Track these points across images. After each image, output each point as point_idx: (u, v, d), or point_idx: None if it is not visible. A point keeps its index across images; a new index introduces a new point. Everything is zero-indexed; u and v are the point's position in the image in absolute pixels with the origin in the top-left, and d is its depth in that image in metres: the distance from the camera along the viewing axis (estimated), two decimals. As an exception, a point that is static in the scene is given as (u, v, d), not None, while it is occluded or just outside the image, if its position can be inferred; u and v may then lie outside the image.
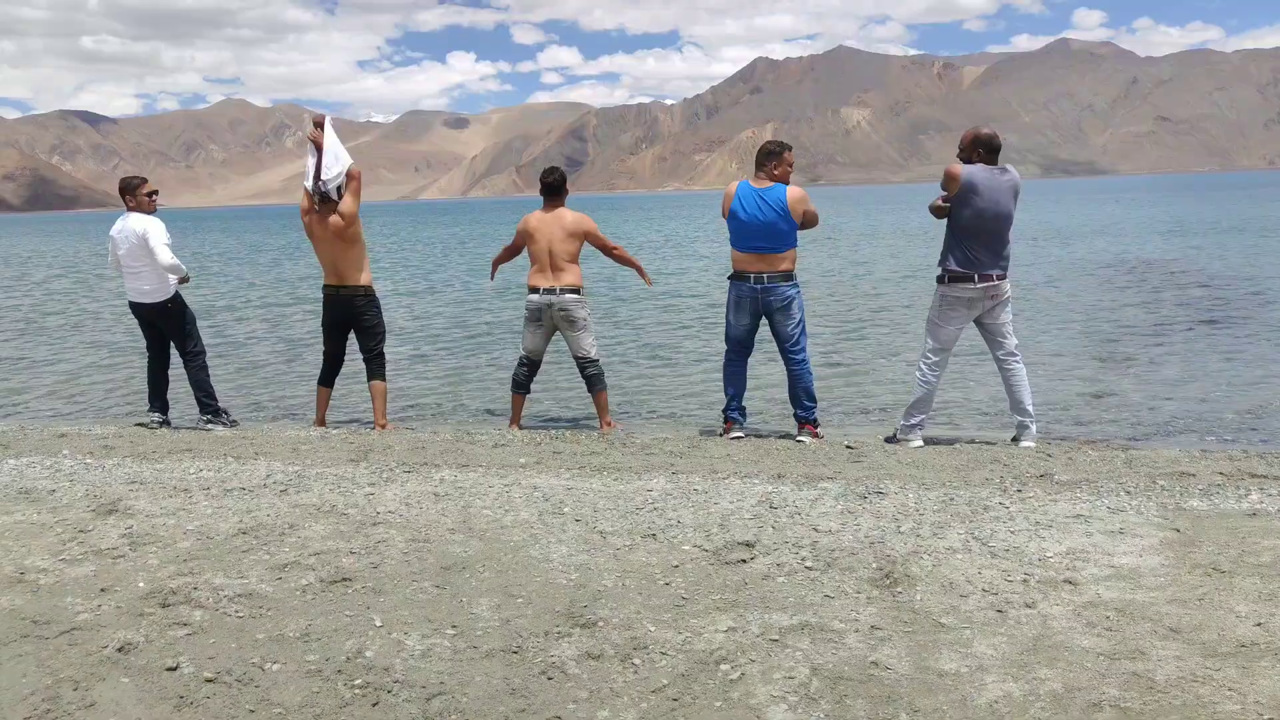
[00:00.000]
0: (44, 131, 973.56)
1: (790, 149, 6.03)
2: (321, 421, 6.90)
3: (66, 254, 38.86)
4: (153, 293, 6.75)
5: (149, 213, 6.78)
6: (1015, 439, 5.84)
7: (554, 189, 6.51)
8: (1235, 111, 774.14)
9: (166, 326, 6.87)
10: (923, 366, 5.80)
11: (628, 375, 9.00)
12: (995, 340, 5.76)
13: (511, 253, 6.85)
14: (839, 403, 7.69)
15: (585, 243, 6.51)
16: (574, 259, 6.48)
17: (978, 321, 5.76)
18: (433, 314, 14.79)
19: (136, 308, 6.85)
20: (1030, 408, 5.79)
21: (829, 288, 16.41)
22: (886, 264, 21.29)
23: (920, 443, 5.77)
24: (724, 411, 6.28)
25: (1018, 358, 5.79)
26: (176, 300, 6.85)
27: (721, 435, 6.18)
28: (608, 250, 6.67)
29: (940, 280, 5.72)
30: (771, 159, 5.94)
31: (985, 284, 5.57)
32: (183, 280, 6.83)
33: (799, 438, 6.00)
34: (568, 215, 6.45)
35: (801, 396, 6.06)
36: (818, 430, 6.06)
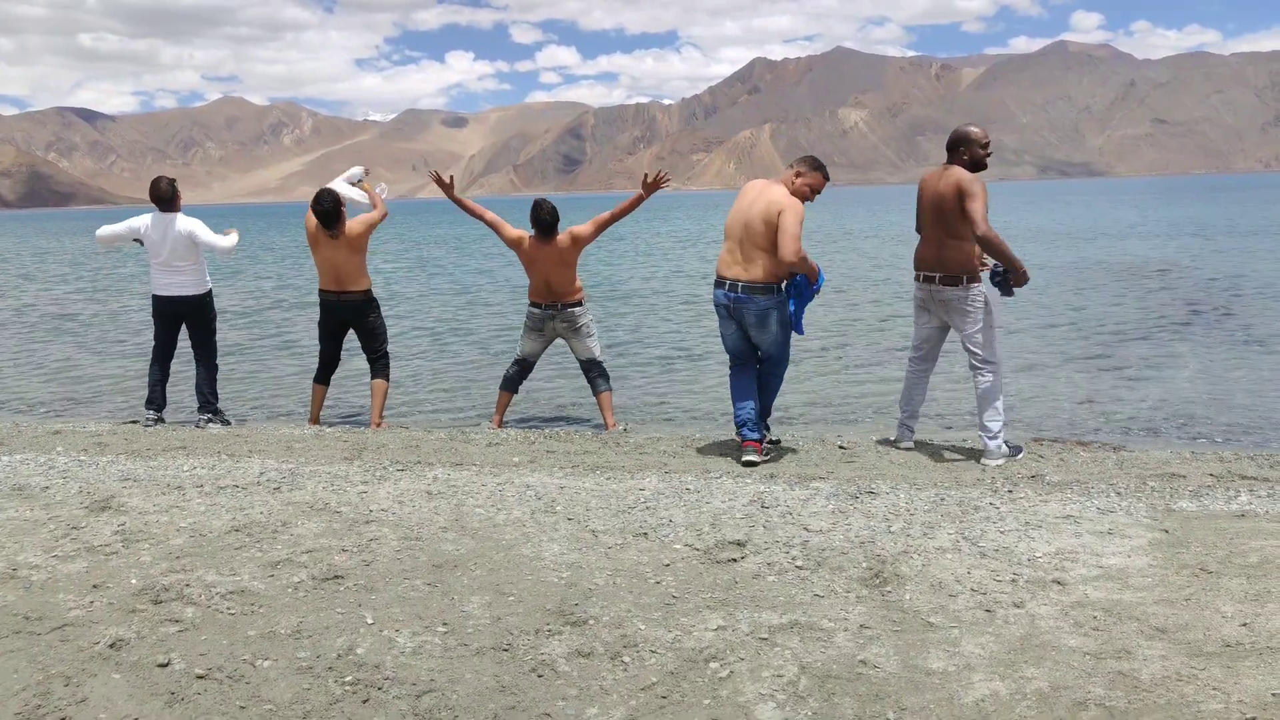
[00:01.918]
0: (41, 128, 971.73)
1: (805, 168, 5.33)
2: (316, 420, 6.91)
3: (78, 252, 38.77)
4: (193, 286, 6.88)
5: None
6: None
7: (549, 228, 6.39)
8: (1232, 114, 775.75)
9: (196, 321, 6.96)
10: (907, 363, 5.83)
11: (623, 375, 9.01)
12: (964, 348, 5.50)
13: (478, 217, 6.66)
14: (833, 403, 7.70)
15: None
16: (573, 279, 6.53)
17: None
18: (431, 313, 14.80)
19: (170, 301, 6.89)
20: (992, 424, 5.30)
21: (834, 287, 16.43)
22: (895, 264, 21.31)
23: (910, 445, 5.72)
24: (738, 429, 5.54)
25: (982, 371, 5.34)
26: (210, 295, 7.03)
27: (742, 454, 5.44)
28: (608, 224, 6.48)
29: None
30: (796, 165, 5.37)
31: (928, 285, 5.38)
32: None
33: (746, 457, 5.33)
34: (564, 246, 6.41)
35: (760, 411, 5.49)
36: (762, 446, 5.43)
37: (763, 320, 5.27)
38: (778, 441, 5.84)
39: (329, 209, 6.43)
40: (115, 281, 21.65)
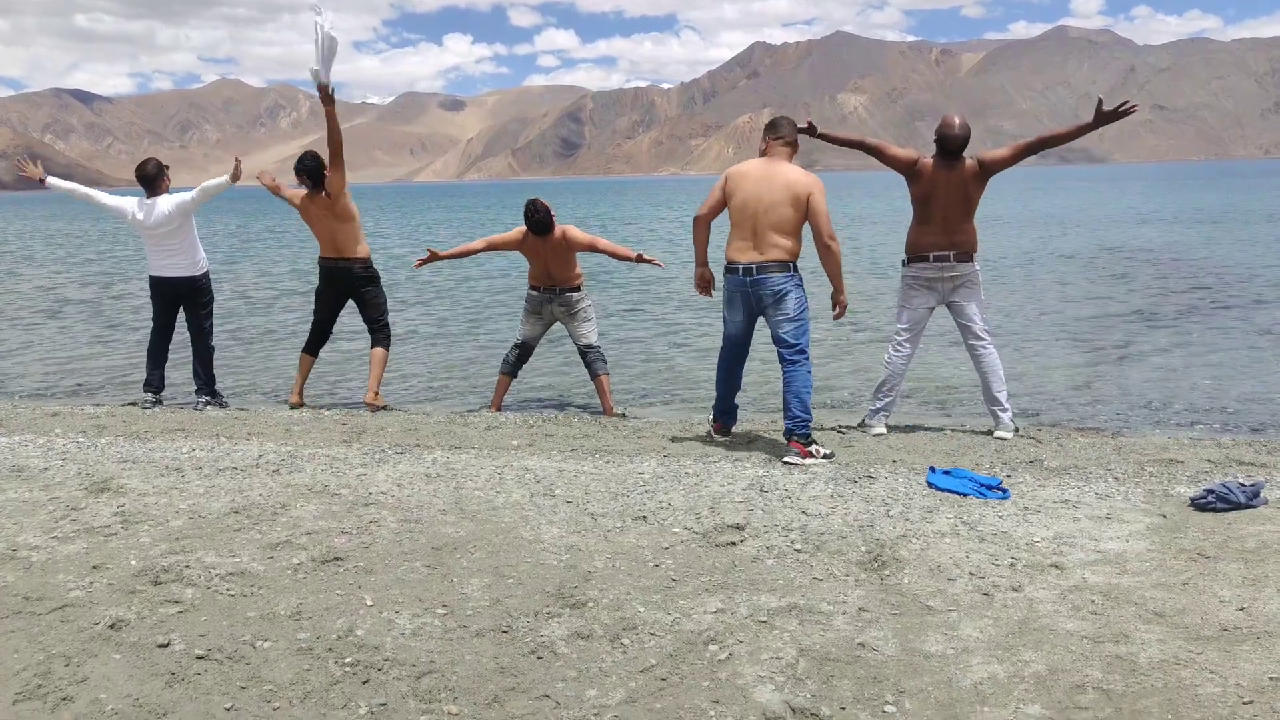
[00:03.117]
0: (37, 110, 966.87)
1: (791, 134, 5.30)
2: (299, 392, 6.89)
3: (80, 234, 38.65)
4: (187, 267, 6.85)
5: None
6: (991, 431, 5.64)
7: (541, 226, 6.40)
8: (1232, 101, 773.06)
9: (191, 301, 6.94)
10: (889, 349, 5.75)
11: (622, 360, 9.01)
12: (962, 325, 5.68)
13: (476, 252, 6.77)
14: (832, 388, 7.70)
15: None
16: (573, 266, 6.56)
17: (948, 305, 5.71)
18: (430, 295, 14.78)
19: (166, 282, 6.89)
20: (1001, 396, 5.56)
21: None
22: (895, 249, 21.27)
23: (883, 430, 5.66)
24: (713, 408, 5.67)
25: (985, 342, 5.60)
26: (207, 276, 7.01)
27: (709, 433, 5.65)
28: (599, 252, 6.58)
29: (904, 263, 5.73)
30: (778, 133, 5.29)
31: (940, 264, 5.52)
32: (235, 176, 6.80)
33: (785, 459, 4.94)
34: (559, 241, 6.45)
35: (792, 405, 5.06)
36: (808, 449, 4.95)
37: (779, 299, 5.11)
38: (831, 455, 5.02)
39: (311, 165, 6.48)
40: (116, 265, 21.59)
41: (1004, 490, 4.26)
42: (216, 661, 2.75)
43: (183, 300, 6.94)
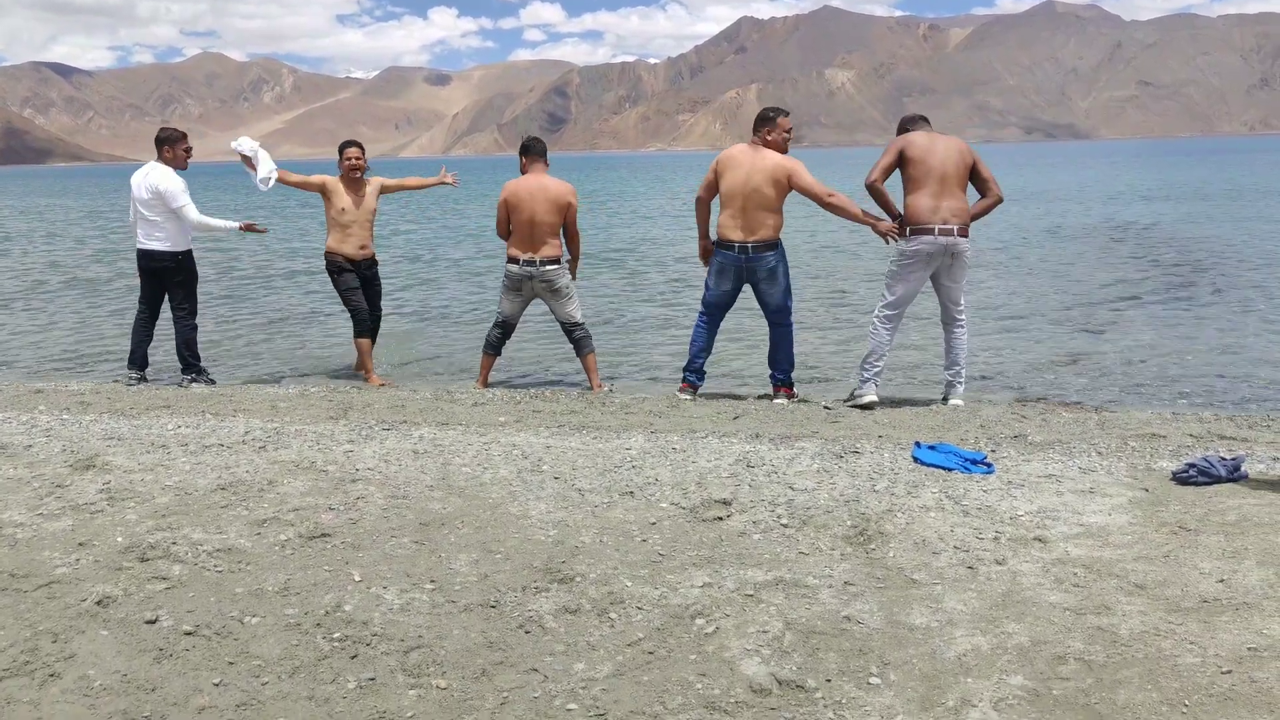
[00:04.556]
0: (15, 84, 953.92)
1: (785, 115, 5.97)
2: (365, 370, 7.17)
3: (67, 211, 38.23)
4: (169, 242, 6.75)
5: (180, 168, 6.79)
6: (944, 398, 5.93)
7: (542, 153, 6.41)
8: (1218, 77, 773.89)
9: (171, 279, 6.85)
10: (876, 321, 5.73)
11: (608, 336, 9.01)
12: (946, 304, 5.73)
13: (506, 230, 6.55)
14: (818, 364, 7.72)
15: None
16: (556, 232, 6.41)
17: (934, 280, 5.72)
18: (416, 274, 14.71)
19: (146, 255, 6.80)
20: (963, 371, 5.90)
21: (819, 249, 16.41)
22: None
23: (874, 397, 5.72)
24: (683, 370, 6.27)
25: (961, 322, 5.82)
26: (189, 256, 6.90)
27: (679, 393, 6.18)
28: (570, 234, 6.54)
29: (904, 234, 5.70)
30: (765, 125, 5.89)
31: (944, 237, 5.50)
32: (248, 228, 6.97)
33: (775, 399, 6.05)
34: (552, 187, 6.33)
35: (782, 361, 6.10)
36: (793, 391, 6.13)
37: (772, 275, 5.83)
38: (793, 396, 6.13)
39: None
40: (106, 242, 21.40)
41: (989, 465, 4.29)
42: (204, 637, 2.75)
43: (163, 276, 6.86)
